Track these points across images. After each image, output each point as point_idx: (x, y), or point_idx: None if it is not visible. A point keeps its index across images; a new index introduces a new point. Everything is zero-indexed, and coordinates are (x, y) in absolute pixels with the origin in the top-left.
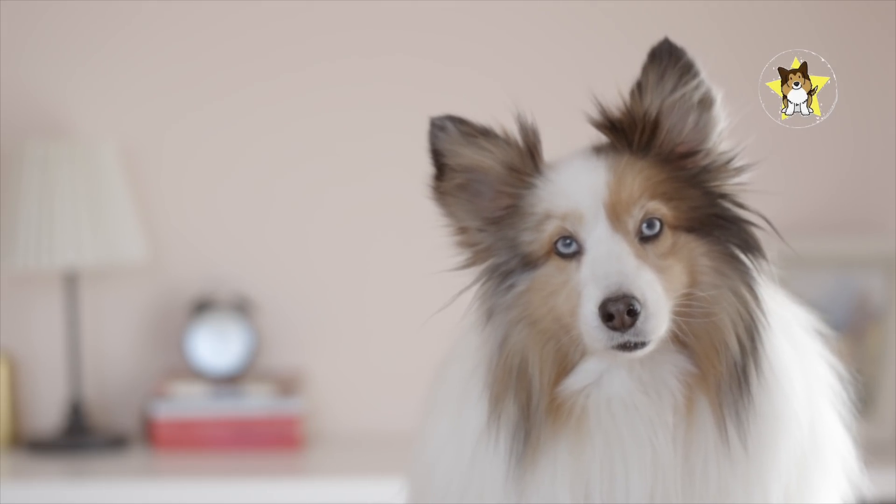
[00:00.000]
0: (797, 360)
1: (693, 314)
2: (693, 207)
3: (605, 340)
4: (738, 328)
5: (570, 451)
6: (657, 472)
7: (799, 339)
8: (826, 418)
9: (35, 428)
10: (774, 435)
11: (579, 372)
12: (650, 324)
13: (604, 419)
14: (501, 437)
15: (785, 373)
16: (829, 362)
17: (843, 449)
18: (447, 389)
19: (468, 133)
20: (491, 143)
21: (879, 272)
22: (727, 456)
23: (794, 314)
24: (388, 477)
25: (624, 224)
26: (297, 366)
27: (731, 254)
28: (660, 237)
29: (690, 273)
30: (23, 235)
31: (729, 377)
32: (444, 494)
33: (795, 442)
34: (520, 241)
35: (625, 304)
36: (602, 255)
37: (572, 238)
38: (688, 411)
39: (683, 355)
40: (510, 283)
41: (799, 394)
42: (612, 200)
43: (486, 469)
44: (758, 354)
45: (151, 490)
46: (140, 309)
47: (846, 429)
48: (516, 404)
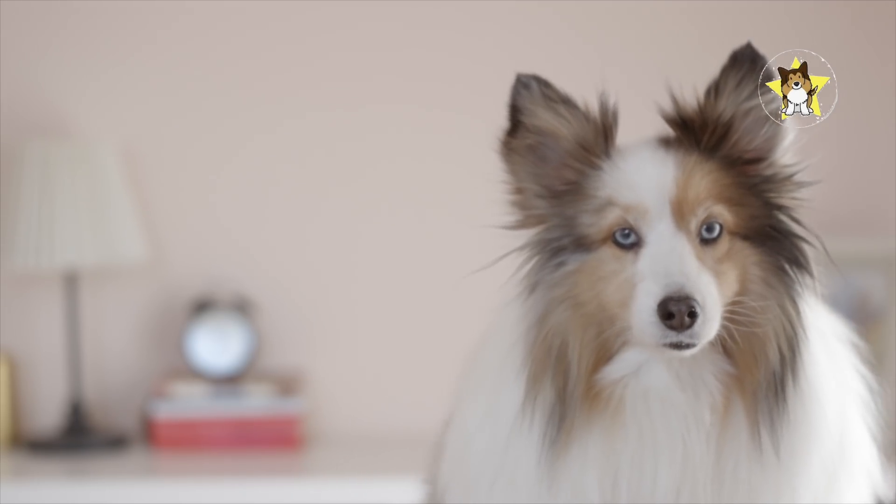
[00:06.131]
0: (832, 371)
1: (740, 322)
2: (752, 216)
3: (659, 337)
4: (780, 340)
5: (603, 440)
6: (686, 469)
7: (835, 350)
8: (855, 428)
9: (35, 428)
10: (806, 443)
11: (619, 361)
12: (706, 327)
13: (639, 411)
14: (537, 420)
15: (820, 383)
16: (862, 373)
17: (869, 459)
18: (484, 367)
19: (550, 97)
20: (570, 112)
21: (879, 272)
22: (759, 460)
23: (832, 325)
24: (388, 477)
25: (687, 223)
26: (297, 366)
27: (780, 266)
28: (718, 241)
29: (742, 281)
30: (23, 235)
31: (766, 385)
32: (479, 476)
33: (826, 450)
34: (578, 221)
35: (686, 305)
36: (665, 251)
37: (632, 230)
38: (723, 412)
39: (723, 356)
40: (560, 261)
41: (832, 404)
42: (678, 198)
43: (519, 452)
44: (796, 366)
45: (151, 490)
46: (140, 309)
47: (873, 439)
48: (553, 387)
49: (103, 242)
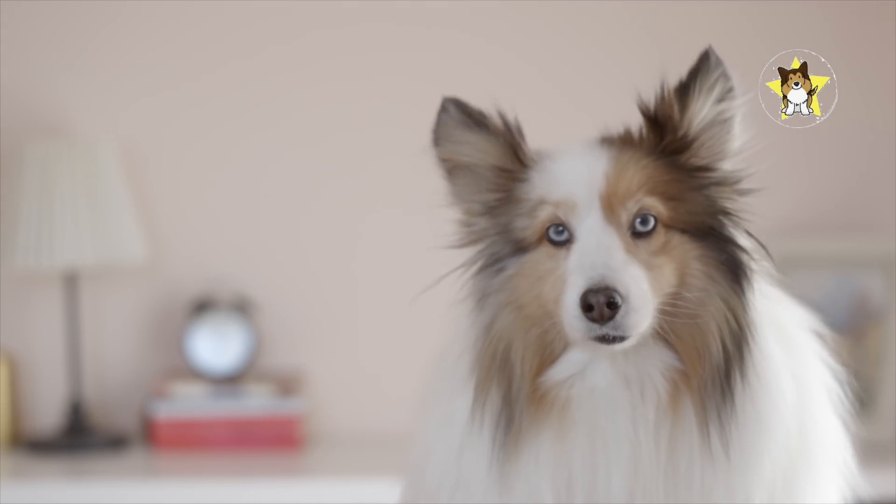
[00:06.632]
0: (789, 364)
1: (678, 314)
2: (692, 212)
3: (584, 331)
4: (724, 334)
5: (553, 443)
6: (638, 469)
7: (794, 342)
8: (819, 421)
9: (35, 428)
10: (758, 442)
11: (563, 362)
12: (631, 319)
13: (586, 411)
14: (486, 425)
15: (774, 379)
16: (827, 363)
17: (837, 450)
18: (440, 377)
19: (465, 123)
20: (481, 139)
21: (879, 272)
22: (709, 459)
23: (793, 315)
24: (388, 477)
25: (617, 216)
26: (297, 366)
27: (723, 261)
28: (653, 234)
29: (681, 274)
30: (23, 235)
31: (711, 382)
32: (438, 485)
33: (781, 448)
34: (513, 226)
35: (606, 295)
36: (591, 245)
37: (564, 226)
38: (673, 409)
39: (669, 351)
40: (500, 267)
41: (787, 400)
42: (607, 191)
43: (472, 458)
44: (743, 362)
45: (151, 490)
46: (140, 309)
47: (843, 429)
48: (499, 391)
49: (103, 242)
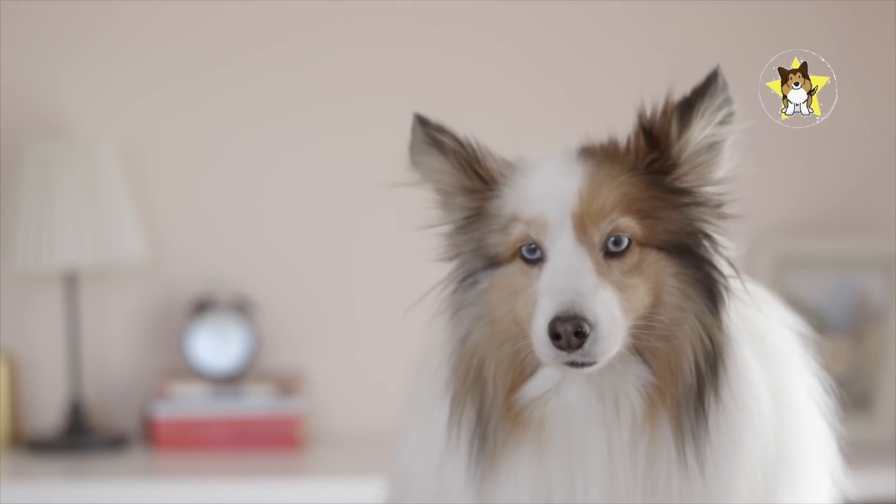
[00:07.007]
0: (767, 377)
1: (653, 335)
2: (669, 230)
3: (553, 357)
4: (698, 354)
5: (531, 459)
6: (615, 484)
7: (774, 350)
8: (801, 429)
9: (35, 428)
10: (733, 460)
11: (538, 378)
12: (599, 346)
13: (562, 427)
14: (462, 442)
15: (750, 396)
16: (809, 367)
17: (820, 454)
18: (420, 389)
19: (430, 143)
20: (444, 160)
21: (879, 272)
22: (686, 476)
23: (774, 320)
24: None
25: (590, 237)
26: (297, 366)
27: (699, 278)
28: (626, 254)
29: (655, 293)
30: (23, 235)
31: (685, 402)
32: (422, 497)
33: (757, 463)
34: (486, 242)
35: (574, 325)
36: (561, 267)
37: (536, 244)
38: (649, 425)
39: (645, 367)
40: (474, 281)
41: (764, 415)
42: (580, 210)
43: (451, 475)
44: (717, 382)
45: (151, 490)
46: (140, 309)
47: (827, 431)
48: (473, 407)
49: (103, 242)
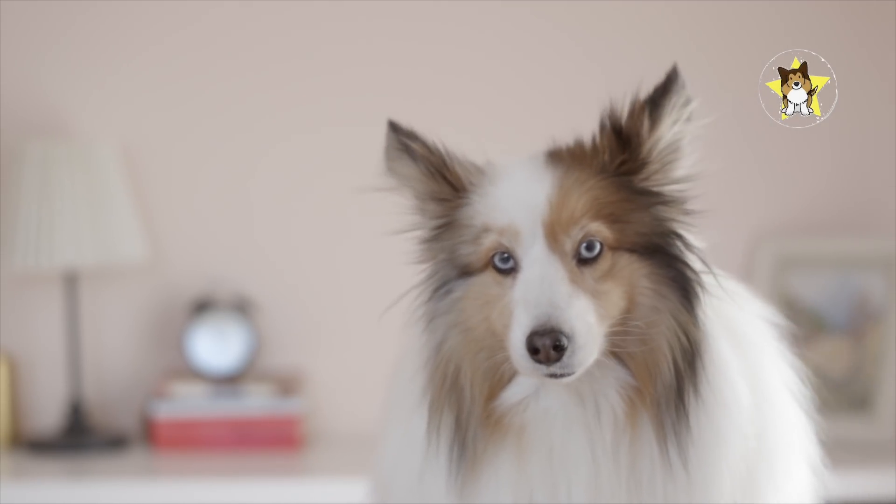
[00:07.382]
0: (744, 370)
1: (629, 338)
2: (639, 232)
3: (531, 370)
4: (675, 353)
5: (512, 465)
6: (599, 486)
7: (750, 343)
8: (779, 420)
9: (35, 428)
10: (715, 453)
11: (516, 384)
12: (577, 357)
13: (542, 432)
14: (441, 450)
15: (728, 389)
16: (786, 359)
17: (800, 445)
18: (397, 394)
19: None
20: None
21: (879, 272)
22: (669, 474)
23: (749, 314)
24: None
25: (561, 245)
26: (296, 366)
27: (672, 277)
28: (598, 259)
29: (629, 296)
30: (23, 235)
31: (665, 400)
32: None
33: (739, 456)
34: (458, 252)
35: (552, 339)
36: (535, 278)
37: (509, 253)
38: (631, 426)
39: (624, 369)
40: (448, 289)
41: (743, 407)
42: (551, 219)
43: (432, 483)
44: (696, 378)
45: (151, 490)
46: (140, 309)
47: (806, 422)
48: (451, 414)
49: (103, 242)
